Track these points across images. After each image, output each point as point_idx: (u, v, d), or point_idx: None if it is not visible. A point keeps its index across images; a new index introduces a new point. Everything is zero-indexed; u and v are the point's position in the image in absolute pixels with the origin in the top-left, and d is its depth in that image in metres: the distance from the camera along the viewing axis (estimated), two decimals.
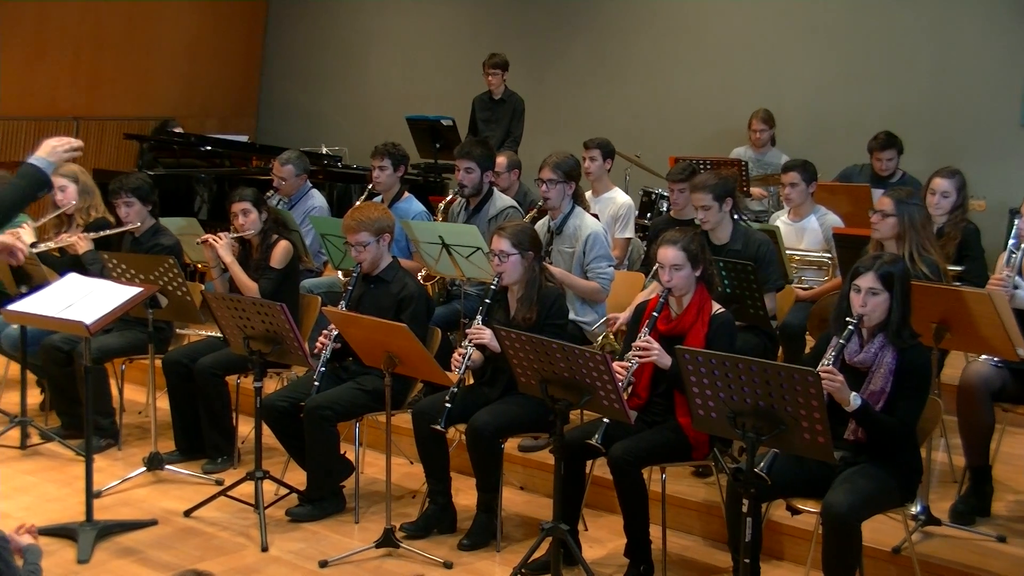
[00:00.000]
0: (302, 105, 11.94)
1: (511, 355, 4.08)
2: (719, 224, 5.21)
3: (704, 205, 5.16)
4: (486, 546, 4.58)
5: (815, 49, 8.96)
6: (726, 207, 5.19)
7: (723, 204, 5.18)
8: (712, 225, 5.19)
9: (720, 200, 5.16)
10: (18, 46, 9.96)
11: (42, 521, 4.62)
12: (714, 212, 5.16)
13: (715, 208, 5.15)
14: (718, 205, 5.15)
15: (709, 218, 5.18)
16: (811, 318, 5.35)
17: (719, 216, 5.19)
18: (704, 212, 5.17)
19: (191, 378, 5.40)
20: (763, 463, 3.62)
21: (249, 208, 5.46)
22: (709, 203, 5.14)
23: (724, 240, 5.23)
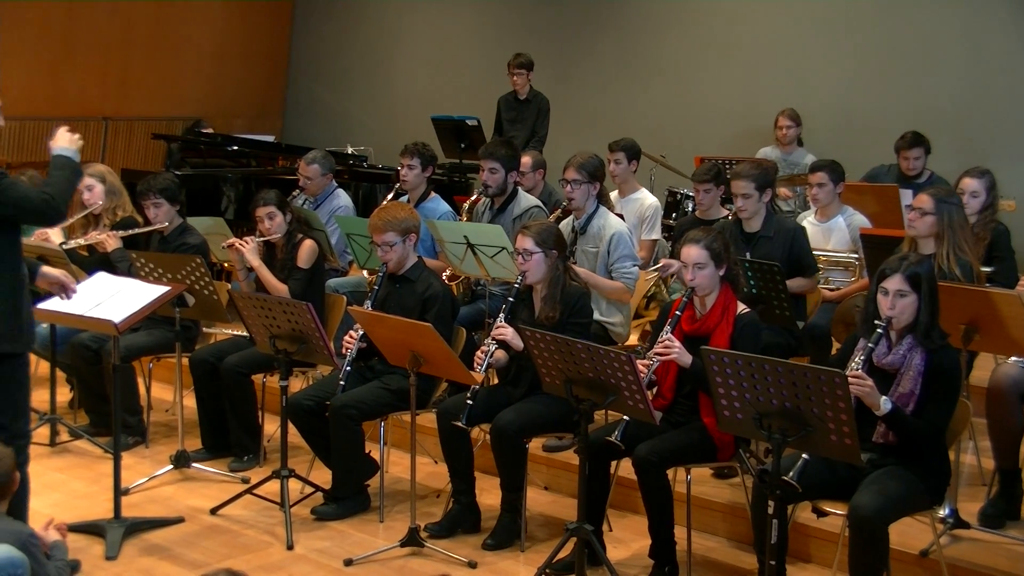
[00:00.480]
0: (328, 105, 11.99)
1: (535, 354, 4.08)
2: (755, 214, 5.22)
3: (745, 193, 5.19)
4: (510, 546, 4.58)
5: (842, 48, 8.91)
6: (765, 197, 5.25)
7: (763, 194, 5.23)
8: (750, 214, 5.23)
9: (761, 190, 5.22)
10: (48, 47, 10.06)
11: (71, 518, 4.67)
12: (754, 201, 5.21)
13: (755, 197, 5.21)
14: (758, 195, 5.20)
15: (748, 207, 5.21)
16: (834, 320, 5.32)
17: (757, 206, 5.23)
18: (744, 200, 5.20)
19: (218, 376, 5.43)
20: (793, 471, 3.60)
21: (274, 211, 5.49)
22: (751, 191, 5.18)
23: (755, 228, 5.28)
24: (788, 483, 3.58)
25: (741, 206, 5.24)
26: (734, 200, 5.33)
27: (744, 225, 5.31)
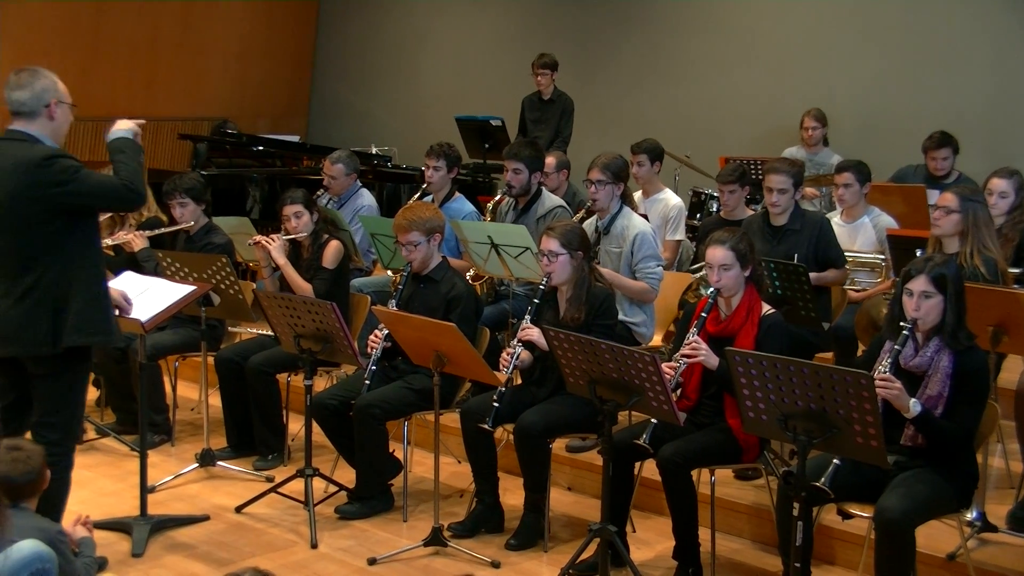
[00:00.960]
0: (352, 105, 12.03)
1: (560, 355, 4.07)
2: (787, 210, 5.24)
3: (782, 188, 5.23)
4: (533, 546, 4.58)
5: (869, 48, 8.84)
6: (798, 194, 5.27)
7: (797, 191, 5.27)
8: (782, 209, 5.26)
9: (796, 186, 5.26)
10: (77, 49, 10.14)
11: (98, 515, 4.70)
12: (788, 197, 5.26)
13: (790, 193, 5.27)
14: (793, 191, 5.24)
15: (782, 202, 5.25)
16: (857, 321, 5.29)
17: (790, 202, 5.26)
18: (780, 195, 5.24)
19: (243, 375, 5.46)
20: (825, 477, 3.58)
21: (301, 210, 5.52)
22: (787, 186, 5.23)
23: (783, 222, 5.30)
24: (820, 489, 3.56)
25: (776, 201, 5.25)
26: (767, 195, 5.32)
27: (771, 219, 5.33)
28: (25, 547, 3.04)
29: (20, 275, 3.85)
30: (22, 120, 3.88)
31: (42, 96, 3.87)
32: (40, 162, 3.80)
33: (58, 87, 3.93)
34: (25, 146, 3.84)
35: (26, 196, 3.79)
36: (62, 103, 3.93)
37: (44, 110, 3.88)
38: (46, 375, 3.93)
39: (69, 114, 3.99)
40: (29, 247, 3.84)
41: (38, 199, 3.80)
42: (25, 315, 3.83)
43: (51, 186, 3.79)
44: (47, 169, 3.80)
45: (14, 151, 3.84)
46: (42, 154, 3.82)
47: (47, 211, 3.82)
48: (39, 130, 3.89)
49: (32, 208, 3.80)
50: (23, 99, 3.86)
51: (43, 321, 3.83)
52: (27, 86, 3.86)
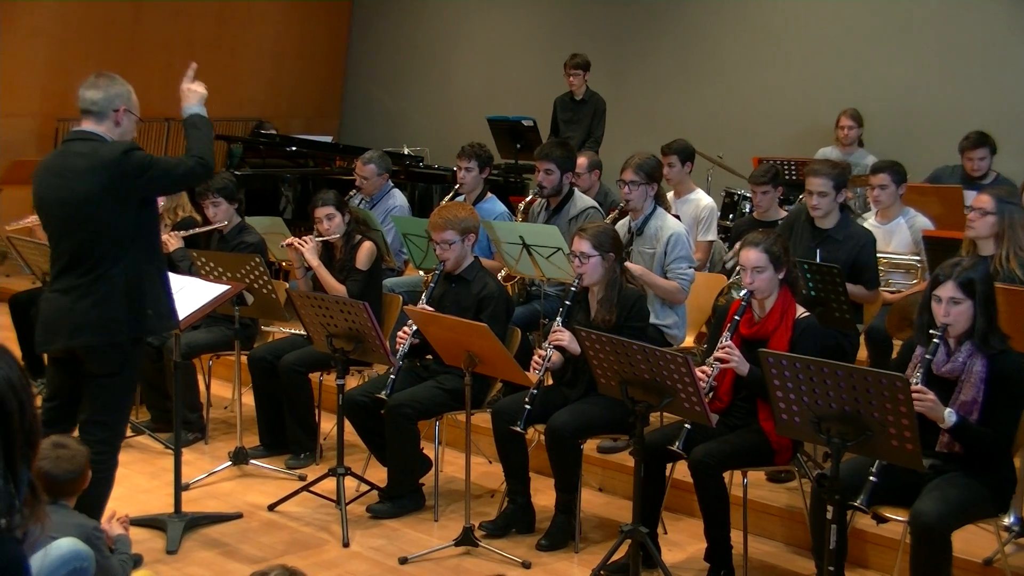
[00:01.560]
0: (384, 106, 12.08)
1: (591, 356, 4.07)
2: (829, 213, 5.17)
3: (821, 191, 5.13)
4: (564, 547, 4.58)
5: (904, 47, 8.76)
6: (840, 197, 5.18)
7: (839, 194, 5.16)
8: (824, 212, 5.17)
9: (837, 189, 5.15)
10: (114, 49, 10.26)
11: (133, 512, 4.74)
12: (829, 200, 5.15)
13: (831, 196, 5.15)
14: (835, 193, 5.14)
15: (823, 205, 5.14)
16: (889, 317, 5.23)
17: (832, 205, 5.16)
18: (820, 198, 5.14)
19: (275, 374, 5.49)
20: (863, 495, 3.55)
21: (333, 212, 5.54)
22: (827, 189, 5.12)
23: (828, 226, 5.21)
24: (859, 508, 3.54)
25: (816, 204, 5.15)
26: (808, 198, 5.25)
27: (817, 221, 5.23)
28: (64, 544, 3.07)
29: (91, 270, 3.92)
30: (90, 120, 3.99)
31: (113, 100, 3.99)
32: (120, 156, 3.89)
33: (131, 97, 4.06)
34: (96, 145, 3.94)
35: (110, 192, 3.88)
36: (130, 113, 4.05)
37: (112, 114, 3.99)
38: (104, 375, 3.99)
39: (135, 124, 4.10)
40: (103, 244, 3.91)
41: (119, 193, 3.89)
42: (99, 306, 3.90)
43: (134, 177, 3.90)
44: (128, 161, 3.90)
45: (86, 151, 3.93)
46: (121, 147, 3.93)
47: (125, 204, 3.92)
48: (106, 132, 3.99)
49: (112, 203, 3.89)
50: (95, 99, 3.98)
51: (118, 311, 3.92)
52: (102, 88, 4.00)
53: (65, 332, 3.95)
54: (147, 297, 3.98)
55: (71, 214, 3.93)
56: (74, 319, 3.93)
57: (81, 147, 3.95)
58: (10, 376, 1.97)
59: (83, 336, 3.93)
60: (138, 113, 4.10)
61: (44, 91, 10.03)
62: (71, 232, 3.95)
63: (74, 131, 4.03)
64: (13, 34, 9.59)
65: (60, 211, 3.97)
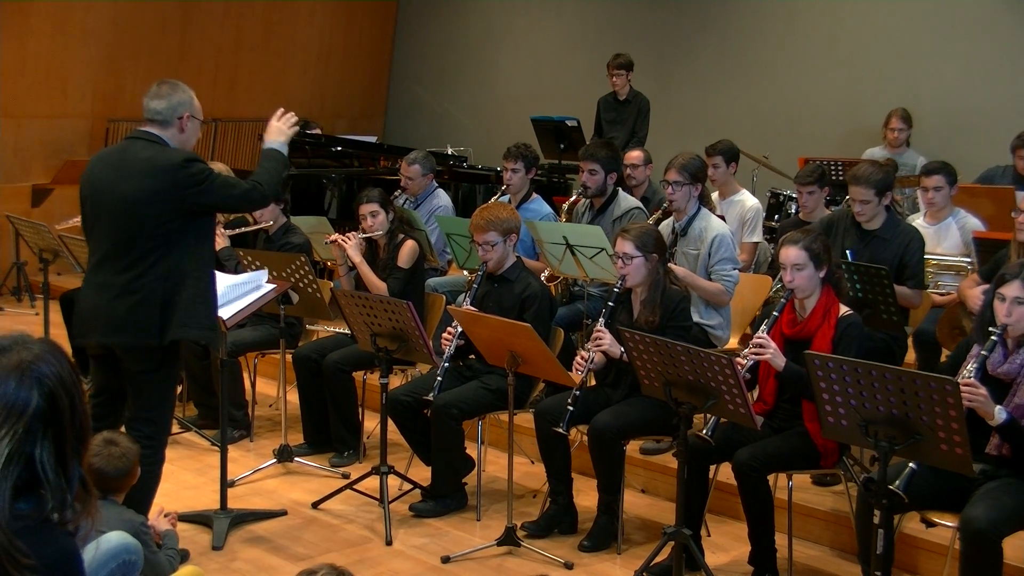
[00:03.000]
0: (429, 106, 12.12)
1: (635, 357, 4.05)
2: (874, 217, 5.13)
3: (864, 199, 5.08)
4: (607, 548, 4.56)
5: (954, 45, 8.62)
6: (885, 201, 5.12)
7: (883, 199, 5.11)
8: (867, 218, 5.12)
9: (881, 195, 5.09)
10: (164, 50, 10.39)
11: (179, 507, 4.80)
12: (872, 207, 5.11)
13: (874, 203, 5.10)
14: (878, 200, 5.09)
15: (866, 212, 5.10)
16: (940, 324, 5.15)
17: (876, 210, 5.11)
18: (862, 206, 5.09)
19: (320, 373, 5.53)
20: (900, 481, 3.50)
21: (377, 209, 5.58)
22: (870, 197, 5.07)
23: (874, 227, 5.16)
24: (894, 493, 3.48)
25: (859, 211, 5.10)
26: (852, 204, 5.19)
27: (863, 225, 5.18)
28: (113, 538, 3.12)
29: (128, 268, 3.98)
30: (155, 127, 4.06)
31: (177, 108, 4.05)
32: (180, 164, 3.96)
33: (193, 103, 4.12)
34: (158, 148, 4.01)
35: (160, 196, 3.94)
36: (194, 118, 4.12)
37: (177, 122, 4.06)
38: (142, 371, 4.06)
39: (198, 129, 4.18)
40: (145, 243, 3.97)
41: (170, 199, 3.95)
42: (134, 307, 3.96)
43: (186, 188, 3.95)
44: (185, 171, 3.96)
45: (147, 152, 4.00)
46: (181, 156, 3.99)
47: (173, 211, 3.97)
48: (169, 138, 4.06)
49: (161, 208, 3.95)
50: (159, 108, 4.04)
51: (152, 314, 3.97)
52: (165, 97, 4.05)
53: (99, 329, 4.03)
54: (178, 306, 4.00)
55: (119, 209, 3.99)
56: (109, 317, 4.00)
57: (143, 148, 4.02)
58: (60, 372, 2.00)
59: (116, 335, 4.00)
60: (201, 117, 4.17)
61: (95, 92, 10.19)
62: (115, 226, 4.02)
63: (139, 130, 4.10)
64: (65, 36, 9.75)
65: (109, 204, 4.04)
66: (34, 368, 1.97)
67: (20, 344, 2.01)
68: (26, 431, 1.94)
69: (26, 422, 1.94)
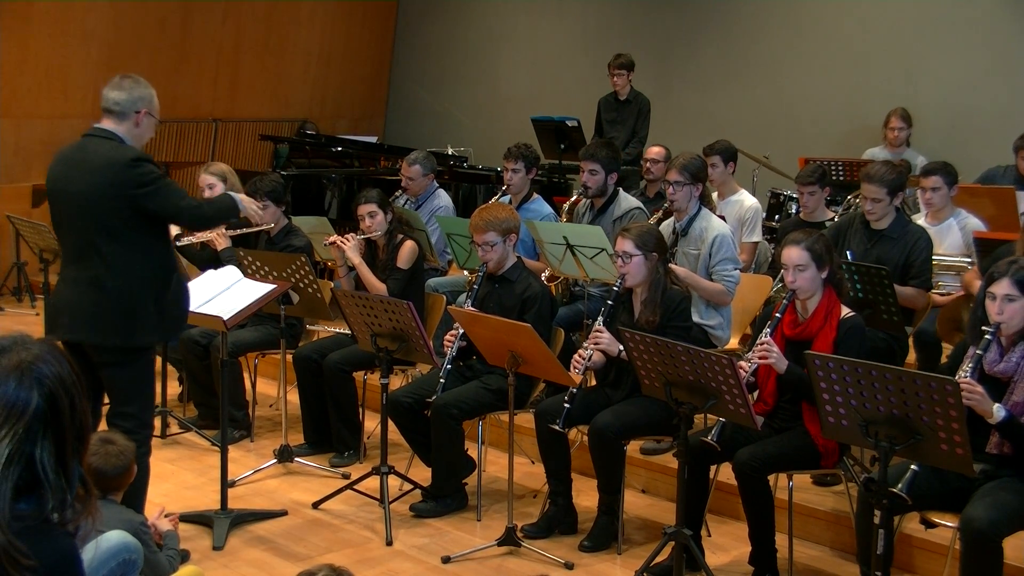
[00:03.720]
0: (429, 106, 12.12)
1: (635, 357, 4.05)
2: (884, 216, 5.14)
3: (876, 198, 5.10)
4: (607, 548, 4.56)
5: (955, 45, 8.61)
6: (896, 201, 5.15)
7: (894, 198, 5.13)
8: (878, 217, 5.13)
9: (893, 195, 5.12)
10: (165, 50, 10.39)
11: (180, 508, 4.81)
12: (884, 206, 5.13)
13: (886, 202, 5.12)
14: (889, 199, 5.11)
15: (877, 211, 5.13)
16: (940, 321, 5.15)
17: (887, 209, 5.13)
18: (874, 204, 5.11)
19: (320, 373, 5.53)
20: (902, 483, 3.50)
21: (375, 210, 5.58)
22: (882, 196, 5.09)
23: (882, 227, 5.17)
24: (897, 495, 3.48)
25: (870, 210, 5.11)
26: (863, 203, 5.20)
27: (871, 224, 5.19)
28: (113, 537, 3.12)
29: (93, 267, 4.01)
30: (111, 120, 4.08)
31: (136, 102, 4.08)
32: (129, 163, 3.99)
33: (153, 100, 4.15)
34: (113, 145, 4.04)
35: (109, 193, 3.97)
36: (151, 115, 4.14)
37: (134, 115, 4.09)
38: (110, 364, 4.08)
39: (153, 127, 4.20)
40: (104, 242, 4.00)
41: (119, 197, 3.97)
42: (100, 306, 3.99)
43: (132, 187, 3.98)
44: (133, 170, 3.98)
45: (104, 149, 4.03)
46: (132, 155, 4.02)
47: (125, 209, 3.99)
48: (125, 132, 4.08)
49: (111, 204, 3.98)
50: (118, 99, 4.07)
51: (117, 315, 3.99)
52: (126, 89, 4.10)
53: (64, 325, 4.06)
54: (142, 308, 4.02)
55: (75, 207, 4.04)
56: (75, 313, 4.04)
57: (98, 145, 4.05)
58: (60, 373, 2.00)
59: (82, 332, 4.02)
60: (158, 116, 4.20)
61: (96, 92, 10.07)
62: (73, 224, 4.07)
63: (96, 127, 4.11)
64: (66, 36, 9.75)
65: (66, 202, 4.08)
66: (34, 368, 1.97)
67: (20, 344, 2.01)
68: (26, 431, 1.94)
69: (26, 422, 1.94)
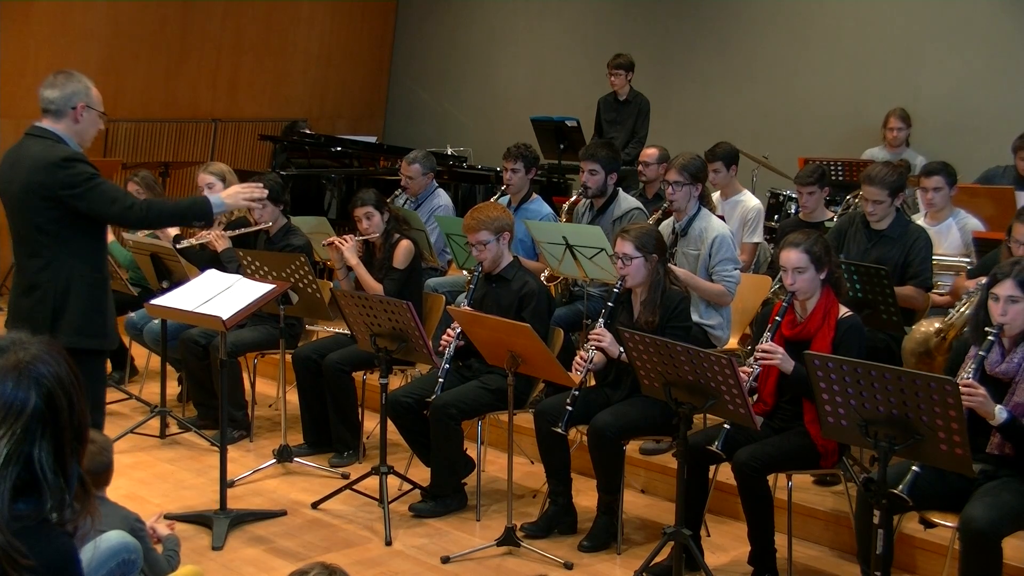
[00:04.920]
0: (429, 106, 12.12)
1: (634, 357, 4.05)
2: (885, 217, 5.15)
3: (877, 200, 5.11)
4: (606, 548, 4.56)
5: (953, 45, 8.60)
6: (897, 202, 5.16)
7: (895, 199, 5.15)
8: (879, 219, 5.14)
9: (894, 196, 5.13)
10: (164, 50, 10.38)
11: (179, 508, 4.82)
12: (884, 207, 5.14)
13: (887, 204, 5.14)
14: (890, 200, 5.13)
15: (878, 212, 5.14)
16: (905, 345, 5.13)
17: (888, 211, 5.14)
18: (875, 206, 5.12)
19: (320, 373, 5.53)
20: (903, 484, 3.50)
21: (371, 211, 5.58)
22: (883, 198, 5.11)
23: (882, 228, 5.19)
24: (898, 496, 3.48)
25: (871, 211, 5.12)
26: (863, 204, 5.20)
27: (872, 225, 5.20)
28: (112, 537, 3.11)
29: (28, 266, 4.04)
30: (49, 118, 4.02)
31: (71, 98, 3.99)
32: (58, 162, 3.93)
33: (90, 93, 4.04)
34: (47, 144, 3.98)
35: (38, 193, 3.94)
36: (90, 108, 4.04)
37: (71, 112, 4.00)
38: None
39: (98, 121, 4.10)
40: (36, 240, 4.00)
41: (48, 197, 3.94)
42: (30, 308, 4.00)
43: (61, 187, 3.93)
44: (62, 171, 3.93)
45: (36, 148, 3.98)
46: (61, 155, 3.94)
47: (54, 209, 3.96)
48: (64, 130, 4.01)
49: (42, 204, 3.95)
50: (52, 97, 3.99)
51: (44, 315, 3.98)
52: (59, 86, 3.99)
53: (9, 322, 4.10)
54: (69, 311, 3.98)
55: (12, 205, 4.06)
56: (14, 311, 4.07)
57: (34, 144, 4.01)
58: (59, 372, 2.00)
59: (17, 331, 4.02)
60: (100, 108, 4.09)
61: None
62: (12, 223, 4.08)
63: (35, 126, 4.05)
64: (66, 37, 9.74)
65: (6, 200, 4.10)
66: (32, 368, 1.97)
67: (18, 344, 2.00)
68: (24, 431, 1.94)
69: (24, 422, 1.94)
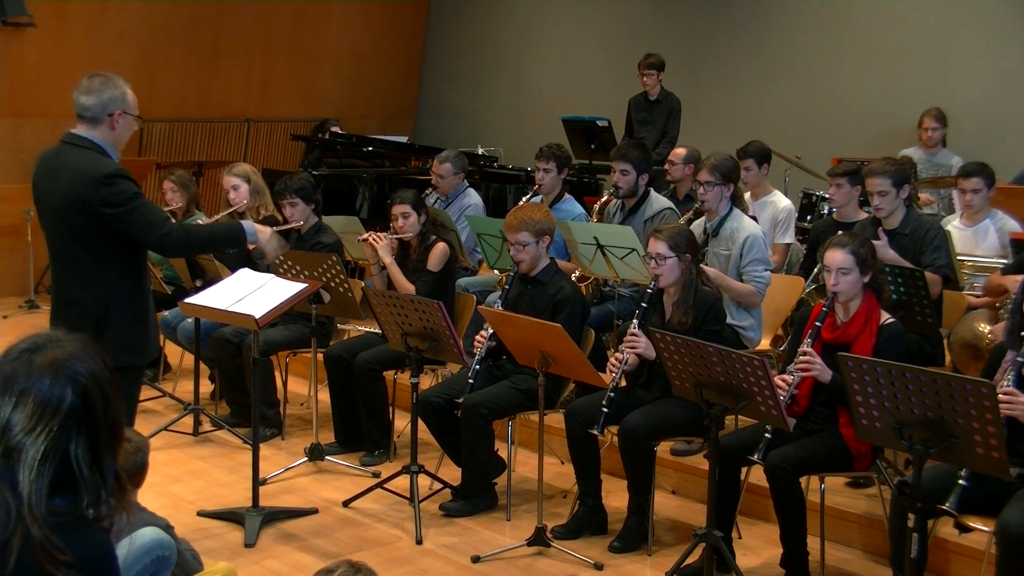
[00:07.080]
0: (459, 106, 12.14)
1: (666, 358, 4.03)
2: (894, 211, 5.10)
3: (881, 190, 5.08)
4: (637, 549, 4.55)
5: (989, 44, 8.50)
6: (903, 194, 5.13)
7: (900, 191, 5.10)
8: (887, 212, 5.12)
9: (898, 186, 5.09)
10: (197, 50, 10.46)
11: (212, 505, 4.86)
12: (891, 198, 5.10)
13: (892, 194, 5.10)
14: (895, 191, 5.09)
15: (885, 204, 5.10)
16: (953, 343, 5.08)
17: (895, 203, 5.12)
18: (881, 198, 5.09)
19: (351, 372, 5.55)
20: (952, 498, 3.46)
21: (409, 211, 5.59)
22: (887, 188, 5.07)
23: (894, 226, 5.16)
24: (947, 512, 3.45)
25: (878, 204, 5.11)
26: (870, 199, 5.19)
27: (883, 223, 5.16)
28: (148, 533, 3.14)
29: (67, 278, 3.94)
30: (85, 125, 3.91)
31: (108, 105, 3.88)
32: (101, 179, 3.82)
33: (126, 98, 3.93)
34: (89, 155, 3.86)
35: (80, 208, 3.83)
36: (127, 114, 3.93)
37: (107, 119, 3.89)
38: None
39: (133, 125, 4.00)
40: (77, 254, 3.90)
41: (89, 212, 3.83)
42: (72, 320, 3.84)
43: (102, 204, 3.82)
44: (105, 188, 3.81)
45: (77, 160, 3.86)
46: (105, 171, 3.84)
47: (95, 224, 3.85)
48: (100, 136, 3.90)
49: (83, 219, 3.85)
50: (89, 104, 3.87)
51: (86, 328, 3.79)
52: (95, 92, 3.87)
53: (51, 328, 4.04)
54: (112, 328, 3.89)
55: (51, 216, 3.95)
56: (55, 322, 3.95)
57: (74, 155, 3.88)
58: (94, 370, 2.02)
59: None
60: (136, 113, 3.98)
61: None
62: (50, 233, 3.99)
63: (71, 133, 3.93)
64: (100, 37, 9.84)
65: (43, 210, 3.99)
66: (68, 366, 1.99)
67: (54, 342, 2.02)
68: (61, 428, 1.96)
69: (60, 419, 1.96)
